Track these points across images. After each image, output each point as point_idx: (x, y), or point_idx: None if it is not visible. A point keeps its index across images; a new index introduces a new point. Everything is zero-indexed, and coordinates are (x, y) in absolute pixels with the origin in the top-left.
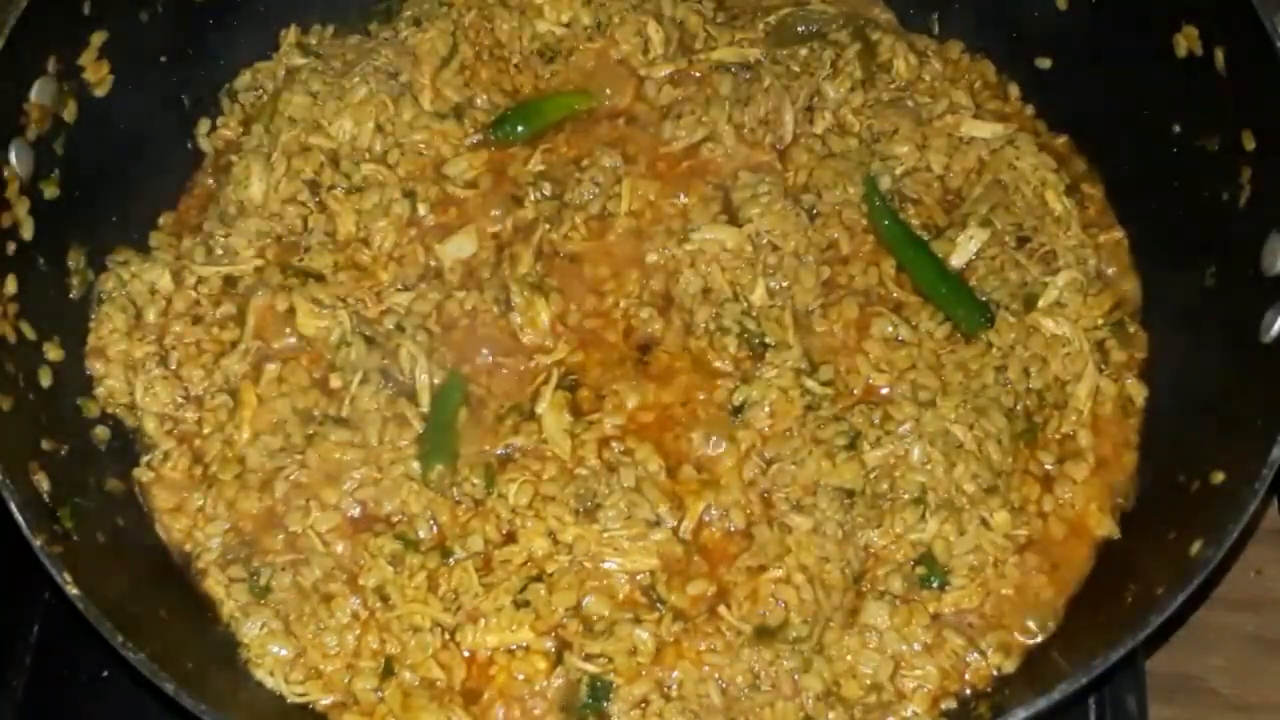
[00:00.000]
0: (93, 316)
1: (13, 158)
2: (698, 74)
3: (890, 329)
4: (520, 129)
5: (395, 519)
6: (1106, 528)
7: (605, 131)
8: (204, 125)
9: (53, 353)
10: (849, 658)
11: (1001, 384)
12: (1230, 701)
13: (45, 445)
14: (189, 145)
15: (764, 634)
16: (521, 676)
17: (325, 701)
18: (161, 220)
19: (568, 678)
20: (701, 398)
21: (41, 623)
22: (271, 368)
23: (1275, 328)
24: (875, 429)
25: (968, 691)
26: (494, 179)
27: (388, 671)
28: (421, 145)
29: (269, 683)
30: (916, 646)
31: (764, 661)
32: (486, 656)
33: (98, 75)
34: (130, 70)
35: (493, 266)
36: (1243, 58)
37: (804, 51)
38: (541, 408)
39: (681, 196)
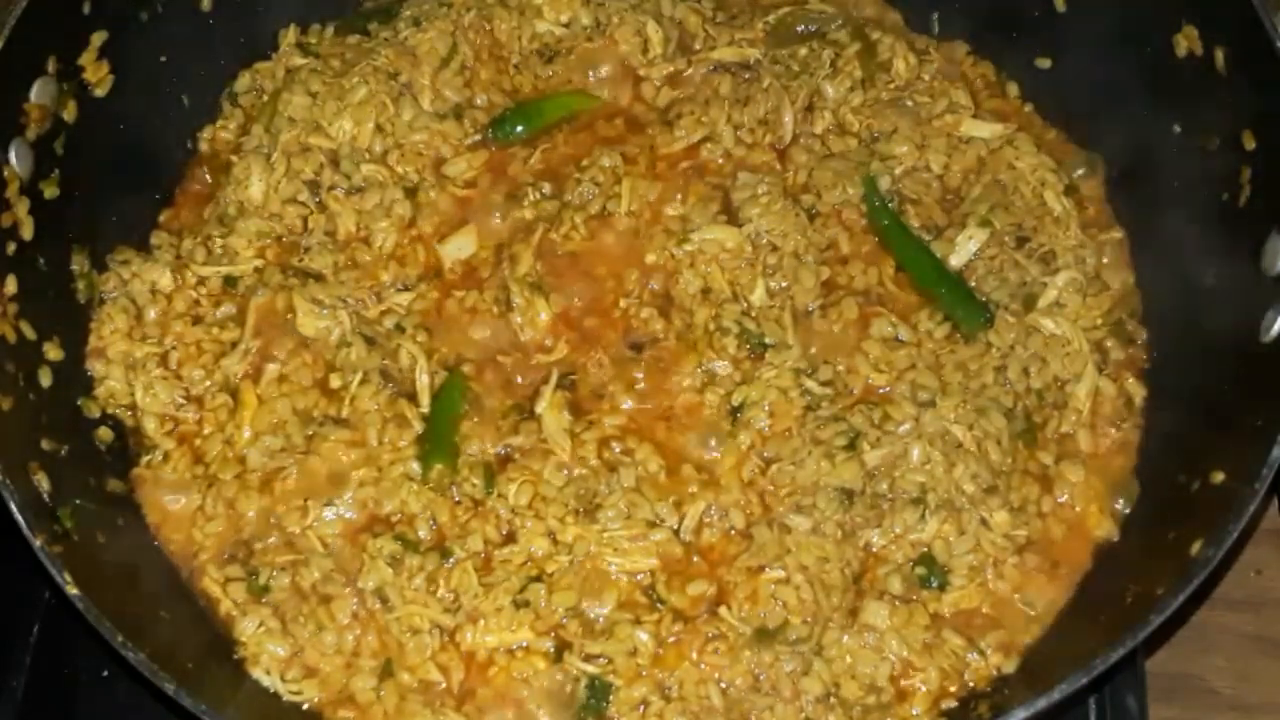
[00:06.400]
0: (93, 316)
1: (13, 158)
2: (697, 74)
3: (890, 329)
4: (520, 129)
5: (395, 519)
6: (1106, 528)
7: (605, 131)
8: (204, 125)
9: (53, 353)
10: (848, 658)
11: (1001, 384)
12: (1230, 701)
13: (45, 445)
14: (189, 145)
15: (764, 635)
16: (521, 677)
17: (321, 701)
18: (161, 220)
19: (567, 678)
20: (701, 398)
21: (41, 623)
22: (272, 368)
23: (1275, 328)
24: (875, 429)
25: (968, 691)
26: (494, 179)
27: (386, 672)
28: (421, 145)
29: (265, 681)
30: (916, 647)
31: (764, 663)
32: (486, 657)
33: (98, 75)
34: (130, 70)
35: (493, 266)
36: (1243, 58)
37: (803, 51)
38: (541, 407)
39: (681, 197)
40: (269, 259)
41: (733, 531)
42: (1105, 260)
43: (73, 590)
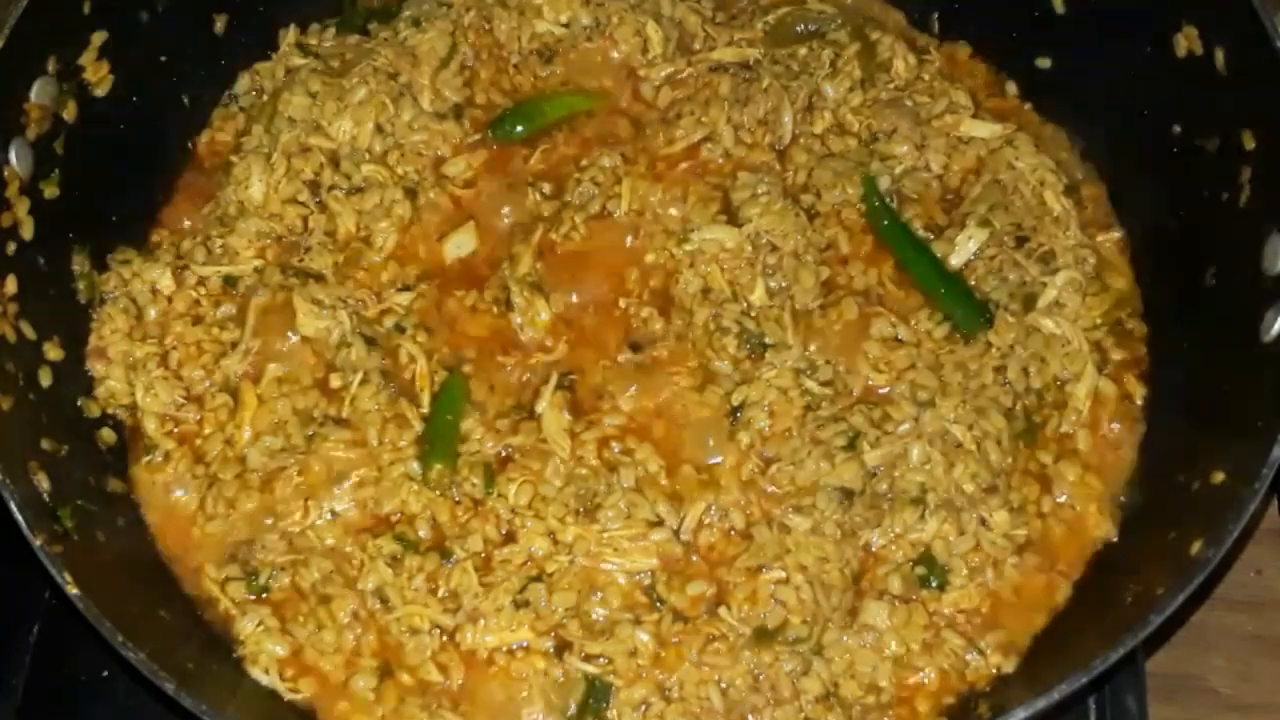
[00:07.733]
0: (94, 316)
1: (13, 158)
2: (697, 74)
3: (889, 329)
4: (519, 129)
5: (395, 519)
6: (1105, 528)
7: (605, 131)
8: (204, 126)
9: (53, 353)
10: (848, 658)
11: (1001, 384)
12: (1230, 701)
13: (45, 445)
14: (189, 145)
15: (763, 635)
16: (521, 677)
17: (321, 700)
18: (161, 219)
19: (567, 679)
20: (701, 398)
21: (41, 623)
22: (272, 368)
23: (1275, 328)
24: (875, 429)
25: (968, 691)
26: (494, 179)
27: (386, 672)
28: (421, 145)
29: (264, 680)
30: (916, 647)
31: (763, 664)
32: (486, 657)
33: (98, 75)
34: (130, 70)
35: (493, 266)
36: (1243, 58)
37: (803, 51)
38: (541, 407)
39: (681, 197)
40: (269, 259)
41: (732, 532)
42: (1104, 260)
43: (73, 590)
